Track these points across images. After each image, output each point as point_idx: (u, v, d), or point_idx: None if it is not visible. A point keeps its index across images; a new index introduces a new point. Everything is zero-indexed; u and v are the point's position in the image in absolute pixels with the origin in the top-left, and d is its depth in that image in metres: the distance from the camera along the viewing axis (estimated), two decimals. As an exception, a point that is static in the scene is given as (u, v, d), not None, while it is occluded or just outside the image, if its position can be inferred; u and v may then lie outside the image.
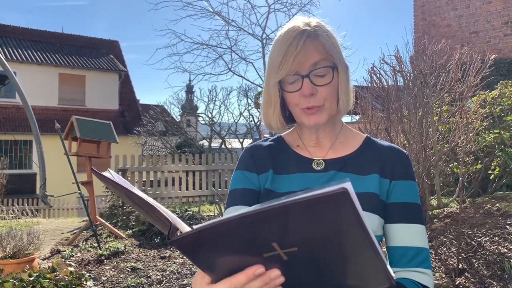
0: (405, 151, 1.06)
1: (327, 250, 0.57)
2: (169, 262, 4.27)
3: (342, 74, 0.98)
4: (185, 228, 0.62)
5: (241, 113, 15.66)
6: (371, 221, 0.96)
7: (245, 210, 0.53)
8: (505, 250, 3.20)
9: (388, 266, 0.60)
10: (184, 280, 3.80)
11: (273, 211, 0.51)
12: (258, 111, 13.30)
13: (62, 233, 6.14)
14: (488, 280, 2.97)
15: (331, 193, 0.48)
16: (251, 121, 15.06)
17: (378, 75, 4.15)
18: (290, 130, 1.13)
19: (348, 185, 0.49)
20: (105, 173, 0.73)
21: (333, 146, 1.05)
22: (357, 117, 5.55)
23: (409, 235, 0.97)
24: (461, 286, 3.01)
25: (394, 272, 0.96)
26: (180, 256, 4.50)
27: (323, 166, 1.03)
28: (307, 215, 0.52)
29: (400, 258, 0.96)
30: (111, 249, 4.51)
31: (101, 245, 4.72)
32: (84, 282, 2.96)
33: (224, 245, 0.57)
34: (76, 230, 5.88)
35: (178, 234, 0.59)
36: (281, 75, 0.95)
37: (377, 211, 0.97)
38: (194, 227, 0.56)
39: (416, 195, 1.02)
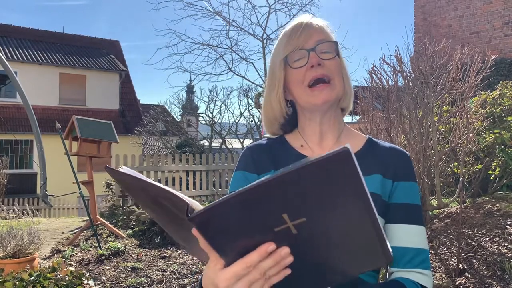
0: (406, 152, 1.07)
1: (331, 218, 0.59)
2: (170, 262, 4.27)
3: (343, 64, 1.03)
4: (201, 208, 0.63)
5: (241, 113, 15.66)
6: None
7: (257, 181, 0.55)
8: (505, 250, 3.20)
9: (388, 243, 0.62)
10: (184, 280, 3.80)
11: (281, 178, 0.54)
12: (259, 111, 13.30)
13: (63, 232, 6.15)
14: (488, 280, 2.97)
15: (334, 153, 0.52)
16: (252, 121, 15.04)
17: (378, 75, 4.15)
18: (292, 132, 1.12)
19: (348, 146, 0.52)
20: (120, 169, 0.73)
21: (335, 146, 1.05)
22: (358, 117, 5.55)
23: (409, 235, 0.97)
24: (461, 286, 3.01)
25: (393, 272, 0.97)
26: (181, 256, 4.50)
27: None
28: (313, 179, 0.54)
29: (400, 258, 0.96)
30: (112, 248, 4.51)
31: (101, 245, 4.72)
32: (85, 282, 2.96)
33: (239, 219, 0.59)
34: (77, 230, 5.89)
35: (196, 212, 0.60)
36: (287, 51, 0.99)
37: (379, 212, 0.97)
38: (209, 204, 0.58)
39: (417, 196, 1.02)
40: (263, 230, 0.60)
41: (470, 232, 3.59)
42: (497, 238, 3.38)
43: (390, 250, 0.63)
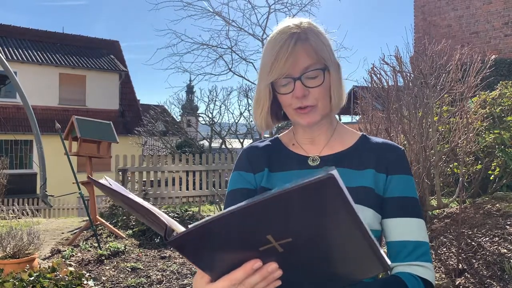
0: (400, 146, 1.07)
1: (320, 238, 0.58)
2: (169, 262, 4.27)
3: (334, 73, 0.99)
4: (180, 229, 0.63)
5: (241, 113, 15.66)
6: (365, 215, 0.96)
7: (239, 204, 0.54)
8: (505, 250, 3.20)
9: (382, 252, 0.61)
10: (184, 280, 3.80)
11: (264, 203, 0.53)
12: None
13: (63, 233, 6.14)
14: (488, 280, 2.97)
15: (319, 179, 0.50)
16: (251, 121, 15.04)
17: (378, 75, 4.15)
18: (287, 131, 1.15)
19: (334, 172, 0.50)
20: (102, 181, 0.74)
21: (328, 143, 1.07)
22: (357, 117, 5.55)
23: (407, 229, 0.97)
24: (461, 287, 3.01)
25: (393, 267, 0.97)
26: (180, 256, 4.50)
27: (318, 162, 1.04)
28: (298, 203, 0.53)
29: (399, 252, 0.96)
30: (111, 249, 4.51)
31: (101, 245, 4.72)
32: (84, 282, 2.96)
33: (221, 241, 0.58)
34: (76, 230, 5.89)
35: (174, 234, 0.59)
36: (272, 78, 0.97)
37: (372, 205, 0.98)
38: (189, 226, 0.57)
39: (413, 189, 1.02)
40: (247, 250, 0.59)
41: (470, 232, 3.59)
42: (496, 238, 3.38)
43: (386, 258, 0.62)
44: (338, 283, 0.67)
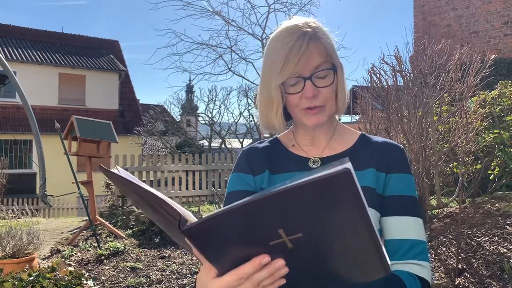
0: (400, 145, 1.07)
1: (329, 234, 0.58)
2: (169, 262, 4.27)
3: (340, 74, 1.00)
4: (193, 220, 0.63)
5: (241, 113, 15.67)
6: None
7: (253, 196, 0.54)
8: (505, 250, 3.20)
9: (385, 253, 0.61)
10: (183, 280, 3.80)
11: (278, 196, 0.52)
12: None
13: (62, 232, 6.14)
14: (487, 280, 2.97)
15: (335, 173, 0.50)
16: (251, 121, 15.06)
17: (378, 75, 4.15)
18: (286, 131, 1.14)
19: (349, 165, 0.50)
20: (113, 170, 0.73)
21: (329, 143, 1.06)
22: (357, 117, 5.55)
23: (404, 227, 0.97)
24: (460, 286, 3.01)
25: (390, 265, 0.97)
26: (180, 256, 4.50)
27: (319, 164, 1.04)
28: (312, 197, 0.53)
29: (396, 250, 0.96)
30: (111, 248, 4.51)
31: (100, 245, 4.72)
32: (84, 282, 2.96)
33: (233, 233, 0.58)
34: (76, 230, 5.88)
35: (188, 224, 0.60)
36: (283, 77, 0.95)
37: (374, 205, 0.98)
38: (204, 216, 0.57)
39: (412, 188, 1.02)
40: (257, 244, 0.59)
41: (470, 232, 3.59)
42: (496, 237, 3.38)
43: (389, 262, 0.62)
44: (336, 285, 0.67)
